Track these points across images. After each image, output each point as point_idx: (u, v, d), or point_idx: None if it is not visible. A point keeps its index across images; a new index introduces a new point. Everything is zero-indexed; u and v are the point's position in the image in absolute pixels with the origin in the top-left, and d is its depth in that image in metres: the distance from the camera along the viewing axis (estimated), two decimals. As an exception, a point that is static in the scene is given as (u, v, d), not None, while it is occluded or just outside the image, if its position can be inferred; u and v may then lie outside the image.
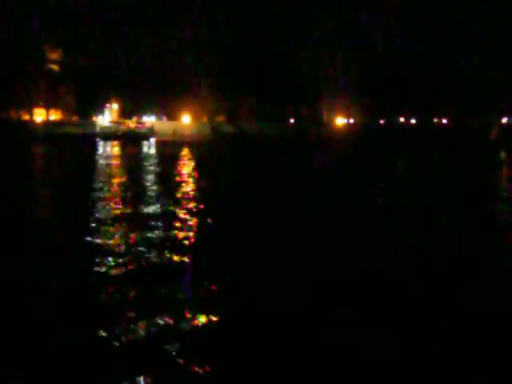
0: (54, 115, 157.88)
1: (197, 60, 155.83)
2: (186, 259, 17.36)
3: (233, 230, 22.62)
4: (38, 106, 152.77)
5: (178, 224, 23.20)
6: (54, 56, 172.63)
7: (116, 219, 24.37)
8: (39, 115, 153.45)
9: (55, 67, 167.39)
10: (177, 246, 19.02)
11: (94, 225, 22.99)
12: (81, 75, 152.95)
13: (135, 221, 24.09)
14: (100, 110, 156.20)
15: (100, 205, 28.62)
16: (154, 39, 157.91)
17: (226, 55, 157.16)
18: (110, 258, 17.21)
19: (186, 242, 19.74)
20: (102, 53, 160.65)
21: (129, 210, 27.10)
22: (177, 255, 17.73)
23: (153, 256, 17.69)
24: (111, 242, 19.63)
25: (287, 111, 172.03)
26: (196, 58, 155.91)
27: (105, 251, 18.15)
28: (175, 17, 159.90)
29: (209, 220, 24.55)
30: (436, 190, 36.94)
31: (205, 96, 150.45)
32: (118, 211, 26.61)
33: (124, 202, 30.15)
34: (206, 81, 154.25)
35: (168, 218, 24.71)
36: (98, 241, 19.75)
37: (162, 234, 21.16)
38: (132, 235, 20.86)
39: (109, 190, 34.82)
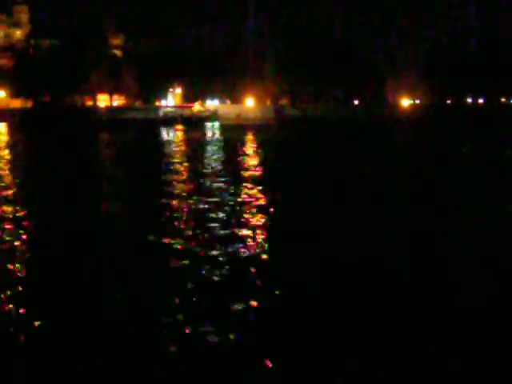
0: (117, 100, 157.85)
1: (261, 44, 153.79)
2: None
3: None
4: (102, 91, 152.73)
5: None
6: (117, 41, 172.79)
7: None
8: (103, 101, 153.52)
9: (118, 52, 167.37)
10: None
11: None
12: (143, 60, 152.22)
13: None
14: (163, 94, 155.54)
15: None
16: (217, 23, 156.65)
17: (291, 39, 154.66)
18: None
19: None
20: (164, 37, 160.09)
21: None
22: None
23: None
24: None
25: (351, 93, 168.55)
26: (261, 41, 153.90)
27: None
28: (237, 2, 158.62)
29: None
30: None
31: (268, 79, 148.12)
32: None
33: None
34: (270, 64, 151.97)
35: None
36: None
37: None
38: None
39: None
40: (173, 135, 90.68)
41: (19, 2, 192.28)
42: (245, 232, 19.21)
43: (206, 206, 24.18)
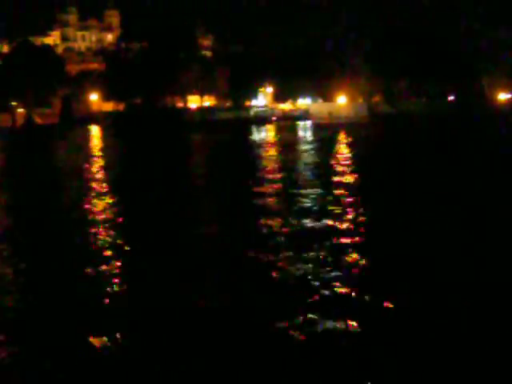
0: (208, 101, 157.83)
1: (353, 40, 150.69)
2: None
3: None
4: (192, 92, 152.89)
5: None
6: (207, 42, 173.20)
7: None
8: (193, 101, 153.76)
9: (208, 53, 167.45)
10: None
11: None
12: (233, 60, 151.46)
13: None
14: (253, 94, 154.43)
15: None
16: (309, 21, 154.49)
17: (384, 34, 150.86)
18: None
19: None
20: (254, 37, 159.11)
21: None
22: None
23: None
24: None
25: (446, 88, 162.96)
26: (352, 38, 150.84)
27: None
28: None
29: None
30: None
31: (361, 75, 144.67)
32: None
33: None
34: (361, 60, 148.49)
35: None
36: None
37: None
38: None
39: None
40: (264, 135, 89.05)
41: (110, 7, 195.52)
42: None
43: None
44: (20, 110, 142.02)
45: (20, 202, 30.72)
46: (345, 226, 20.67)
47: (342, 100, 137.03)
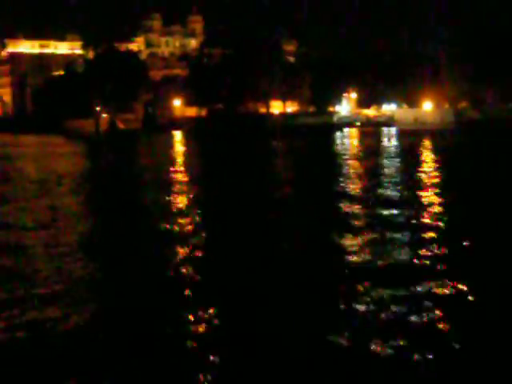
0: (291, 107, 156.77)
1: (438, 44, 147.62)
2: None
3: None
4: (275, 98, 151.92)
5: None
6: (290, 47, 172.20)
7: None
8: (276, 107, 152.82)
9: (291, 58, 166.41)
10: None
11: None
12: (317, 65, 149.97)
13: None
14: (337, 99, 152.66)
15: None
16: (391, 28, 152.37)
17: (470, 38, 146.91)
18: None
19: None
20: (338, 42, 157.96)
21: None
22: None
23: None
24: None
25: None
26: (438, 42, 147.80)
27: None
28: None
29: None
30: None
31: (446, 80, 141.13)
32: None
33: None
34: (447, 65, 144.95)
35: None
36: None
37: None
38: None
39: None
40: (348, 142, 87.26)
41: (194, 13, 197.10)
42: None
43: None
44: (104, 116, 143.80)
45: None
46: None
47: (427, 106, 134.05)
